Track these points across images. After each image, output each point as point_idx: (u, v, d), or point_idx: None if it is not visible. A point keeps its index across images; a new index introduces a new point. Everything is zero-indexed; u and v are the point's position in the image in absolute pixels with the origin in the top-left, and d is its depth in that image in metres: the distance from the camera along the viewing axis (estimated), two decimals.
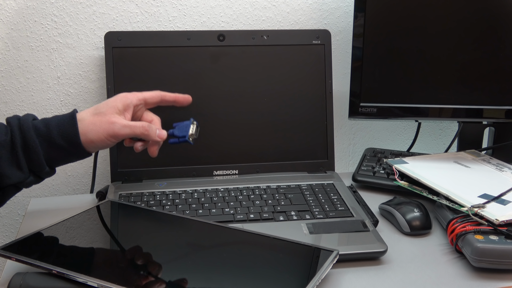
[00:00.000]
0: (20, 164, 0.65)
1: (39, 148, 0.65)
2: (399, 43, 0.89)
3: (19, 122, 0.66)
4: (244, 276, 0.58)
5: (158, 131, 0.73)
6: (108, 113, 0.69)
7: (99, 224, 0.70)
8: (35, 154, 0.65)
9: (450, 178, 0.80)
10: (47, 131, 0.66)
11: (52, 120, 0.67)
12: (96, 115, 0.69)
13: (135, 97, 0.73)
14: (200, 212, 0.75)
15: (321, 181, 0.86)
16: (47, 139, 0.66)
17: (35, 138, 0.65)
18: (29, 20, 0.88)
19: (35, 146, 0.65)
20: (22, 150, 0.65)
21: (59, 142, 0.66)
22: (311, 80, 0.90)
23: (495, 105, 0.90)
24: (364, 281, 0.61)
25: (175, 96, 0.78)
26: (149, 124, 0.72)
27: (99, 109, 0.69)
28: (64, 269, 0.56)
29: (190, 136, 0.77)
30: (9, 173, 0.64)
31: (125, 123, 0.69)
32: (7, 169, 0.64)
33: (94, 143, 0.68)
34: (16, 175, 0.65)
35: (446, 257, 0.67)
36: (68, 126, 0.67)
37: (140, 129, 0.70)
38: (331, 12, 1.00)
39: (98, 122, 0.68)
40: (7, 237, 0.97)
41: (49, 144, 0.66)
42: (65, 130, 0.66)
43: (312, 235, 0.69)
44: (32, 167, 0.66)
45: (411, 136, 1.08)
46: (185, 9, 0.94)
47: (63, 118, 0.68)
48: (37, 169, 0.66)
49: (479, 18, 0.87)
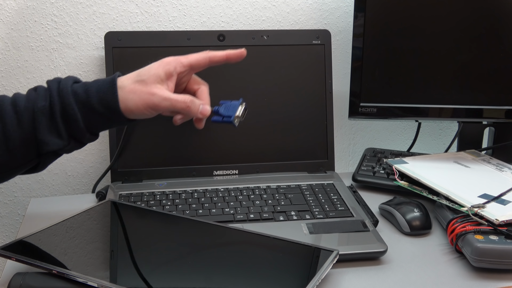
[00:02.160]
0: (60, 131, 0.63)
1: (78, 115, 0.63)
2: (399, 43, 0.89)
3: (59, 86, 0.64)
4: (244, 276, 0.58)
5: (201, 107, 0.67)
6: (149, 81, 0.64)
7: (99, 224, 0.70)
8: (74, 121, 0.63)
9: (450, 178, 0.80)
10: (87, 97, 0.63)
11: (92, 86, 0.64)
12: (138, 82, 0.65)
13: (180, 64, 0.67)
14: (200, 212, 0.75)
15: (321, 181, 0.86)
16: (86, 105, 0.63)
17: (74, 105, 0.63)
18: (29, 20, 0.88)
19: (74, 113, 0.63)
20: (61, 117, 0.63)
21: (98, 108, 0.63)
22: (311, 80, 0.90)
23: (495, 105, 0.90)
24: (364, 281, 0.61)
25: (226, 54, 0.70)
26: (192, 99, 0.66)
27: (141, 76, 0.65)
28: (64, 269, 0.56)
29: (236, 118, 0.70)
30: (48, 140, 0.63)
31: (166, 96, 0.64)
32: (46, 136, 0.62)
33: (133, 112, 0.65)
34: (55, 142, 0.63)
35: (446, 257, 0.67)
36: (108, 93, 0.64)
37: (181, 104, 0.65)
38: (331, 12, 1.00)
39: (138, 91, 0.64)
40: (7, 237, 0.97)
41: (88, 111, 0.64)
42: (105, 97, 0.63)
43: (312, 235, 0.69)
44: (72, 134, 0.64)
45: (411, 136, 1.08)
46: (185, 9, 0.94)
47: (104, 84, 0.64)
48: (78, 135, 0.65)
49: (479, 18, 0.87)
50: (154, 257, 0.61)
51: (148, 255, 0.61)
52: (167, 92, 0.65)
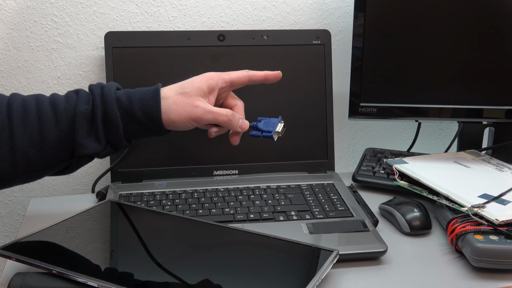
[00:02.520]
0: (99, 135, 0.64)
1: (119, 122, 0.64)
2: (399, 43, 0.89)
3: (102, 91, 0.64)
4: (244, 276, 0.58)
5: (241, 121, 0.69)
6: (192, 94, 0.66)
7: (99, 224, 0.70)
8: (114, 127, 0.64)
9: (450, 178, 0.80)
10: (130, 104, 0.64)
11: (135, 94, 0.65)
12: (181, 94, 0.66)
13: (221, 79, 0.69)
14: (200, 212, 0.75)
15: (321, 181, 0.86)
16: (128, 113, 0.64)
17: (117, 111, 0.63)
18: (29, 20, 0.88)
19: (116, 119, 0.63)
20: (102, 122, 0.63)
21: (140, 117, 0.64)
22: (311, 80, 0.90)
23: (495, 105, 0.90)
24: (364, 281, 0.61)
25: (264, 74, 0.72)
26: (233, 113, 0.68)
27: (184, 88, 0.66)
28: (64, 269, 0.56)
29: (276, 133, 0.71)
30: (87, 144, 0.63)
31: (208, 109, 0.66)
32: (85, 139, 0.63)
33: (174, 123, 0.66)
34: (92, 146, 0.64)
35: (446, 257, 0.67)
36: (151, 102, 0.65)
37: (223, 118, 0.67)
38: (331, 12, 1.00)
39: (181, 103, 0.65)
40: (7, 237, 0.97)
41: (129, 118, 0.64)
42: (147, 106, 0.64)
43: (312, 235, 0.69)
44: (110, 139, 0.65)
45: (411, 136, 1.08)
46: (185, 9, 0.94)
47: (147, 94, 0.65)
48: (115, 141, 0.65)
49: (479, 18, 0.87)
50: (154, 257, 0.61)
51: (148, 255, 0.61)
52: (209, 105, 0.67)
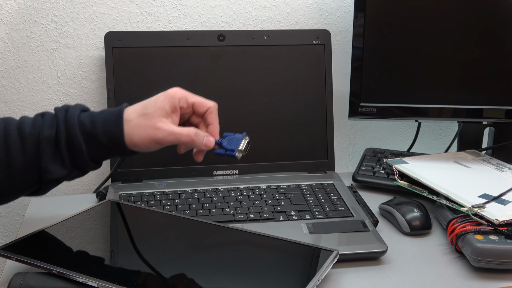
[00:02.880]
0: (64, 160, 0.64)
1: (83, 146, 0.64)
2: (399, 43, 0.89)
3: (66, 115, 0.65)
4: (244, 276, 0.58)
5: (206, 139, 0.67)
6: (155, 115, 0.65)
7: (99, 224, 0.70)
8: (79, 151, 0.64)
9: (450, 178, 0.80)
10: (93, 128, 0.64)
11: (98, 117, 0.65)
12: (143, 116, 0.65)
13: (184, 99, 0.68)
14: (200, 212, 0.75)
15: (321, 181, 0.86)
16: (91, 137, 0.64)
17: (80, 136, 0.64)
18: (29, 20, 0.88)
19: (79, 144, 0.64)
20: (66, 147, 0.63)
21: (103, 141, 0.64)
22: (311, 80, 0.90)
23: (495, 105, 0.89)
24: (364, 281, 0.61)
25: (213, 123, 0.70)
26: (196, 132, 0.66)
27: (147, 109, 0.65)
28: (64, 269, 0.56)
29: (239, 152, 0.69)
30: (52, 169, 0.63)
31: (170, 131, 0.65)
32: (50, 164, 0.63)
33: (138, 146, 0.66)
34: (58, 171, 0.64)
35: (446, 257, 0.67)
36: (114, 126, 0.64)
37: (186, 138, 0.65)
38: (331, 12, 1.00)
39: (143, 125, 0.64)
40: (7, 237, 0.97)
41: (93, 142, 0.64)
42: (110, 130, 0.64)
43: (312, 235, 0.69)
44: (76, 163, 0.65)
45: (411, 136, 1.08)
46: (185, 9, 0.94)
47: (110, 116, 0.65)
48: (81, 164, 0.65)
49: (479, 18, 0.87)
50: (154, 257, 0.61)
51: (148, 255, 0.61)
52: (172, 126, 0.66)
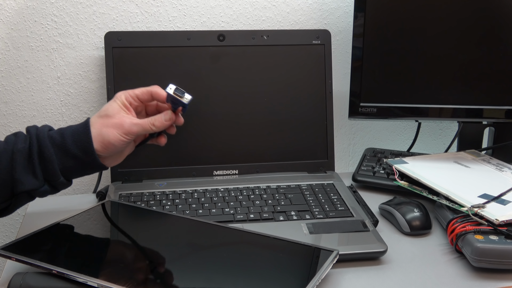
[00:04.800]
0: (36, 171, 0.65)
1: (54, 157, 0.66)
2: (399, 43, 0.89)
3: (37, 131, 0.68)
4: (244, 276, 0.58)
5: (164, 116, 0.73)
6: (115, 113, 0.70)
7: (99, 224, 0.70)
8: (49, 163, 0.66)
9: (450, 178, 0.80)
10: (62, 140, 0.67)
11: (67, 130, 0.69)
12: (105, 117, 0.70)
13: (127, 94, 0.73)
14: (200, 212, 0.75)
15: (321, 181, 0.86)
16: (61, 148, 0.67)
17: (50, 148, 0.66)
18: (29, 20, 0.88)
19: (50, 155, 0.66)
20: (38, 158, 0.66)
21: (73, 151, 0.67)
22: (311, 80, 0.90)
23: (495, 105, 0.90)
24: (364, 281, 0.61)
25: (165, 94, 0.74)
26: (154, 117, 0.73)
27: (104, 112, 0.71)
28: (64, 269, 0.56)
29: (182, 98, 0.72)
30: (24, 180, 0.65)
31: (135, 121, 0.70)
32: (22, 175, 0.65)
33: (111, 143, 0.68)
34: (30, 182, 0.65)
35: (446, 257, 0.67)
36: (82, 134, 0.68)
37: (148, 125, 0.71)
38: (331, 12, 1.00)
39: (109, 123, 0.69)
40: (7, 237, 0.97)
41: (63, 154, 0.67)
42: (78, 139, 0.67)
43: (312, 235, 0.69)
44: (47, 176, 0.67)
45: (411, 136, 1.08)
46: (185, 9, 0.94)
47: (78, 127, 0.69)
48: (52, 178, 0.67)
49: (479, 18, 0.87)
50: (154, 257, 0.61)
51: (148, 255, 0.61)
52: (134, 118, 0.72)
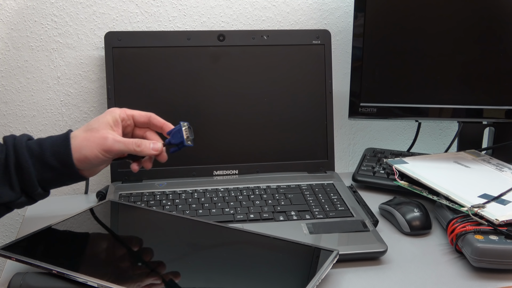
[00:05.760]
0: (12, 183, 0.64)
1: (31, 169, 0.65)
2: (399, 43, 0.89)
3: (14, 141, 0.66)
4: (244, 276, 0.58)
5: (152, 145, 0.71)
6: (100, 128, 0.68)
7: (99, 224, 0.70)
8: (27, 174, 0.65)
9: (450, 178, 0.80)
10: (40, 151, 0.66)
11: (46, 140, 0.67)
12: (89, 131, 0.68)
13: (123, 112, 0.72)
14: (200, 212, 0.75)
15: (321, 181, 0.86)
16: (40, 159, 0.65)
17: (28, 159, 0.65)
18: (29, 20, 0.88)
19: (28, 166, 0.64)
20: (15, 170, 0.64)
21: (51, 162, 0.65)
22: (311, 80, 0.90)
23: (495, 105, 0.90)
24: (364, 281, 0.61)
25: (163, 123, 0.74)
26: (141, 139, 0.70)
27: (91, 125, 0.69)
28: (64, 269, 0.56)
29: (187, 140, 0.73)
30: (1, 192, 0.64)
31: (118, 139, 0.68)
32: None
33: (88, 159, 0.67)
34: (7, 194, 0.64)
35: (446, 257, 0.67)
36: (61, 145, 0.66)
37: (132, 146, 0.69)
38: (331, 12, 1.00)
39: (91, 137, 0.67)
40: (7, 237, 0.97)
41: (42, 165, 0.65)
42: (58, 150, 0.66)
43: (312, 235, 0.69)
44: (25, 187, 0.65)
45: (411, 136, 1.08)
46: (185, 9, 0.94)
47: (57, 138, 0.67)
48: (30, 189, 0.66)
49: (479, 18, 0.87)
50: (154, 257, 0.61)
51: (148, 255, 0.61)
52: (118, 135, 0.69)
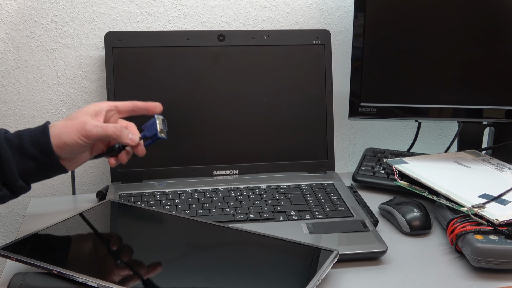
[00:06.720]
0: None
1: (11, 159, 0.64)
2: (399, 43, 0.89)
3: None
4: (244, 276, 0.58)
5: (131, 135, 0.72)
6: (80, 116, 0.69)
7: (99, 224, 0.70)
8: (6, 165, 0.64)
9: (450, 178, 0.80)
10: (19, 141, 0.66)
11: (24, 132, 0.67)
12: (69, 119, 0.69)
13: (107, 103, 0.73)
14: (200, 212, 0.75)
15: (321, 181, 0.86)
16: (19, 149, 0.65)
17: (7, 149, 0.65)
18: (29, 20, 0.88)
19: (7, 156, 0.64)
20: None
21: (31, 151, 0.65)
22: (311, 80, 0.90)
23: (495, 105, 0.90)
24: (364, 281, 0.61)
25: (146, 104, 0.76)
26: (122, 126, 0.71)
27: (71, 115, 0.70)
28: (64, 269, 0.56)
29: (160, 132, 0.74)
30: None
31: (96, 123, 0.69)
32: None
33: (67, 144, 0.67)
34: None
35: (446, 257, 0.67)
36: (40, 134, 0.66)
37: (112, 129, 0.69)
38: (331, 12, 1.00)
39: (71, 124, 0.68)
40: (7, 237, 0.97)
41: (21, 155, 0.65)
42: (37, 139, 0.66)
43: (312, 235, 0.69)
44: (5, 180, 0.65)
45: (411, 136, 1.08)
46: (185, 9, 0.94)
47: (36, 129, 0.68)
48: (10, 181, 0.65)
49: (479, 18, 0.87)
50: (154, 257, 0.61)
51: (148, 255, 0.61)
52: (98, 121, 0.70)
